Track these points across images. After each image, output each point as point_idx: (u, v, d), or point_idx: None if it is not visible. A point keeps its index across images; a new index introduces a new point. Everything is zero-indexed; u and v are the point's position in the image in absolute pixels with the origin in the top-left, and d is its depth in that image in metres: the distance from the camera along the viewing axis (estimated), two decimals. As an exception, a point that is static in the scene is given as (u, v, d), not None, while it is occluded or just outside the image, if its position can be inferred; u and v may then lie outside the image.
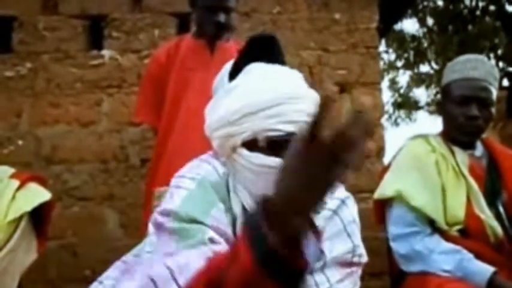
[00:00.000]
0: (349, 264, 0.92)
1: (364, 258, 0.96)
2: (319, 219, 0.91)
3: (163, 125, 1.93)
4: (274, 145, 0.86)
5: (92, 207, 2.46)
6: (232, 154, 0.90)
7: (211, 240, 0.79)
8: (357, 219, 0.98)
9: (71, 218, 2.43)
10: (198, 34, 1.97)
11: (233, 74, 0.95)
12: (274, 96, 0.86)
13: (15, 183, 1.41)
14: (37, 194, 1.46)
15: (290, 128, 0.86)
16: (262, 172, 0.86)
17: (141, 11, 2.63)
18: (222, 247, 0.79)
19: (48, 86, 2.54)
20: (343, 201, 0.96)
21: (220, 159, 0.95)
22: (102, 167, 2.49)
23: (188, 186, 0.88)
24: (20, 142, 2.49)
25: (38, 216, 1.47)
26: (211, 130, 0.93)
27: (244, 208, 0.91)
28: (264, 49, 0.94)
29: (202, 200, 0.86)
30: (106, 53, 2.58)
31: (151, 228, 0.91)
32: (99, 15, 2.62)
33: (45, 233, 1.52)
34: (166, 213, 0.84)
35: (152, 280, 0.74)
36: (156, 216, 0.86)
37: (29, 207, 1.40)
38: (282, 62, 0.95)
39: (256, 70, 0.92)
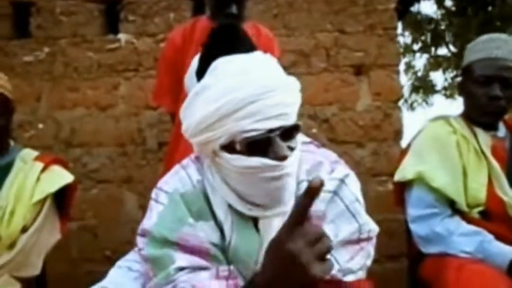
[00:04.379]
0: (358, 241, 0.89)
1: (374, 232, 0.92)
2: (319, 203, 0.88)
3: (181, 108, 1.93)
4: (253, 145, 0.82)
5: (111, 190, 2.51)
6: (214, 157, 0.88)
7: (180, 269, 0.83)
8: (360, 197, 0.93)
9: (90, 200, 2.48)
10: (213, 17, 1.95)
11: (200, 72, 0.91)
12: (245, 94, 0.80)
13: (40, 165, 1.45)
14: (60, 176, 1.49)
15: (267, 125, 0.81)
16: (246, 173, 0.83)
17: (156, -6, 2.62)
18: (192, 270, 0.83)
19: (66, 70, 2.56)
20: (342, 181, 0.92)
21: (196, 165, 0.95)
22: (120, 150, 2.52)
23: (163, 201, 0.90)
24: (41, 126, 2.53)
25: (60, 198, 1.51)
26: (189, 135, 0.90)
27: (229, 206, 0.89)
28: (226, 40, 0.89)
29: (173, 218, 0.87)
30: (122, 36, 2.59)
31: None
32: (115, -2, 2.62)
33: (68, 214, 1.56)
34: (143, 234, 0.88)
35: None
36: (137, 235, 0.90)
37: (53, 189, 1.44)
38: (249, 49, 0.88)
39: (223, 67, 0.85)
